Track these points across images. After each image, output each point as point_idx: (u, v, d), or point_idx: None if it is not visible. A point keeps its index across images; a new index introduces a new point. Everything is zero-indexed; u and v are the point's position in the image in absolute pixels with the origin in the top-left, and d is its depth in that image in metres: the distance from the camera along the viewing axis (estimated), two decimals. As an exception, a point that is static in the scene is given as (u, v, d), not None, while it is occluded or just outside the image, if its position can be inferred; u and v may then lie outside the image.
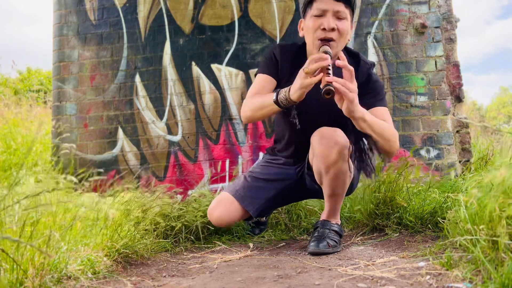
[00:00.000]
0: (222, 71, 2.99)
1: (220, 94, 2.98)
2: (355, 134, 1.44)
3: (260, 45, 2.96)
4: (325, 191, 1.49)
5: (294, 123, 1.50)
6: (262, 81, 1.54)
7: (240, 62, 2.97)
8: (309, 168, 1.58)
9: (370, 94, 1.45)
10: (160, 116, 3.02)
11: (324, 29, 1.38)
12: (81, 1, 3.17)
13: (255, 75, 1.62)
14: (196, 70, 3.02)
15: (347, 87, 1.21)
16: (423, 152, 2.73)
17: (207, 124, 2.97)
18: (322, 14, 1.39)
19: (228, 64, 2.99)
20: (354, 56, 1.55)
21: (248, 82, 2.95)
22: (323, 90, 1.19)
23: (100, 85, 3.09)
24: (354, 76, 1.24)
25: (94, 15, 3.15)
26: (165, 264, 1.38)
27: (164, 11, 3.08)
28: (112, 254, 1.25)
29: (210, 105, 2.98)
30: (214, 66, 3.00)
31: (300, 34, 1.54)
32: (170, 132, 3.00)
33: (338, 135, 1.37)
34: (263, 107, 1.42)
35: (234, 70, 2.98)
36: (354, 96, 1.23)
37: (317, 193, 1.64)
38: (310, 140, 1.46)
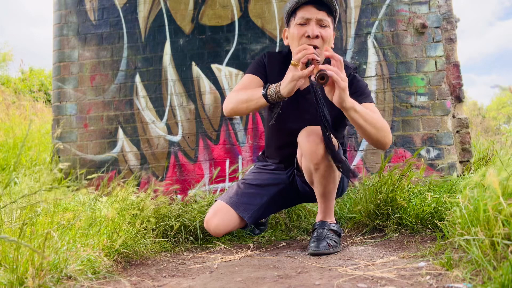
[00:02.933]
0: (222, 71, 2.99)
1: (220, 94, 2.98)
2: (336, 137, 1.47)
3: (260, 45, 2.96)
4: (317, 190, 1.49)
5: (273, 122, 1.52)
6: (249, 79, 1.57)
7: (240, 62, 2.97)
8: (299, 169, 1.59)
9: (355, 94, 1.48)
10: (160, 116, 3.02)
11: (308, 36, 1.43)
12: (81, 1, 3.17)
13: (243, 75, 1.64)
14: (196, 70, 3.02)
15: (339, 75, 1.24)
16: (423, 152, 2.73)
17: (207, 124, 2.97)
18: (305, 23, 1.45)
19: (228, 64, 2.99)
20: None
21: (248, 82, 2.95)
22: (317, 75, 1.21)
23: (100, 85, 3.09)
24: (343, 66, 1.27)
25: (94, 15, 3.15)
26: (165, 264, 1.38)
27: (164, 11, 3.08)
28: (112, 254, 1.25)
29: (210, 105, 2.98)
30: (214, 66, 3.00)
31: (285, 43, 1.58)
32: (170, 132, 3.00)
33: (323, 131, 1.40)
34: (249, 100, 1.44)
35: (234, 70, 2.98)
36: (345, 85, 1.26)
37: (310, 197, 1.66)
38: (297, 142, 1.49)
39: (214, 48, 3.01)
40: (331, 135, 1.39)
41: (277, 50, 2.94)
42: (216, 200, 1.71)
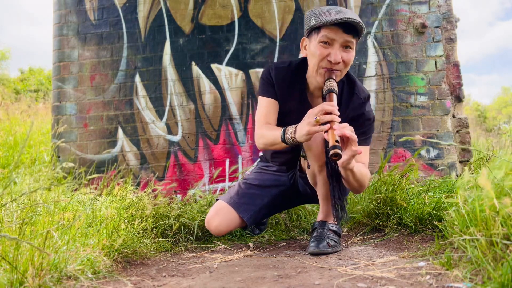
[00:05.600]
0: (222, 71, 2.99)
1: (220, 94, 2.98)
2: None
3: (260, 45, 2.96)
4: (320, 191, 1.49)
5: (302, 155, 1.52)
6: (266, 105, 1.53)
7: (240, 62, 2.97)
8: (302, 170, 1.60)
9: (358, 132, 1.37)
10: (160, 116, 3.02)
11: (330, 60, 1.37)
12: (81, 1, 3.17)
13: (257, 95, 1.62)
14: (196, 70, 3.02)
15: (355, 152, 1.22)
16: (423, 152, 2.73)
17: (207, 124, 2.97)
18: (329, 42, 1.36)
19: (228, 64, 2.99)
20: (350, 85, 1.53)
21: (248, 82, 2.95)
22: (331, 153, 1.16)
23: (100, 85, 3.09)
24: (357, 144, 1.23)
25: (94, 15, 3.15)
26: (165, 264, 1.38)
27: (164, 11, 3.08)
28: (112, 254, 1.25)
29: (210, 105, 2.98)
30: (214, 66, 3.00)
31: (303, 54, 1.50)
32: (170, 132, 3.00)
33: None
34: (274, 144, 1.43)
35: (234, 70, 2.98)
36: (354, 163, 1.27)
37: (310, 199, 1.67)
38: (300, 147, 1.50)
39: (214, 48, 3.01)
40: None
41: (277, 50, 2.94)
42: (217, 200, 1.71)
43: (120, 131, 3.03)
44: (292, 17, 2.96)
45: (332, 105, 1.24)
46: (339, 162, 1.26)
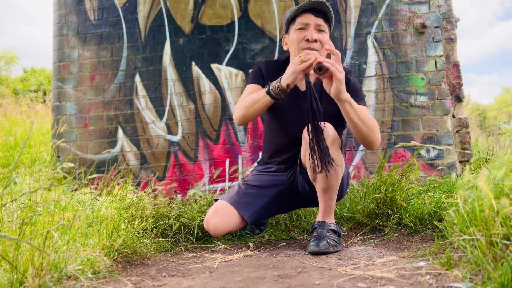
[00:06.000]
0: (222, 71, 2.99)
1: (220, 94, 2.98)
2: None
3: (260, 45, 2.96)
4: (319, 185, 1.50)
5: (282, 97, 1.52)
6: (251, 88, 1.69)
7: (240, 62, 2.97)
8: (302, 165, 1.61)
9: (350, 95, 1.52)
10: (160, 116, 3.02)
11: (307, 40, 1.55)
12: (81, 1, 3.17)
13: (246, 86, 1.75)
14: (196, 70, 3.02)
15: (337, 66, 1.35)
16: (423, 152, 2.73)
17: (207, 124, 2.97)
18: (304, 28, 1.57)
19: (228, 64, 2.99)
20: None
21: (248, 82, 2.95)
22: (316, 66, 1.31)
23: (100, 85, 3.09)
24: (340, 60, 1.39)
25: (94, 15, 3.15)
26: (165, 264, 1.38)
27: (164, 11, 3.08)
28: (112, 254, 1.25)
29: (210, 105, 2.98)
30: (214, 66, 3.00)
31: (285, 48, 1.70)
32: (170, 132, 3.00)
33: (329, 127, 1.46)
34: (255, 102, 1.54)
35: (234, 70, 2.98)
36: (342, 76, 1.36)
37: (309, 199, 1.68)
38: (300, 144, 1.55)
39: (214, 48, 3.01)
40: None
41: (277, 50, 2.94)
42: (216, 200, 1.71)
43: (120, 131, 3.03)
44: (292, 17, 2.96)
45: (309, 52, 1.44)
46: (332, 93, 1.38)
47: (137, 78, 3.05)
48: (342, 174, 1.52)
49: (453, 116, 2.75)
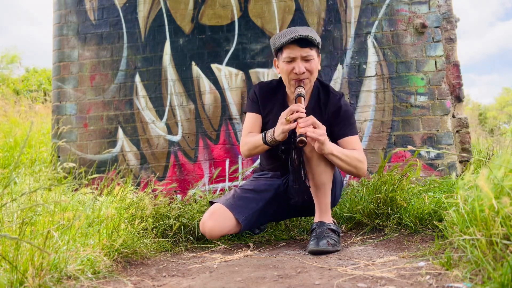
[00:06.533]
0: (222, 71, 2.99)
1: (220, 94, 2.98)
2: None
3: (260, 45, 2.96)
4: (311, 182, 1.54)
5: (280, 155, 1.64)
6: (251, 119, 1.77)
7: (240, 62, 2.97)
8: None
9: (341, 124, 1.65)
10: (160, 116, 3.02)
11: (296, 73, 1.60)
12: (81, 1, 3.17)
13: (244, 112, 1.82)
14: (196, 70, 3.02)
15: (317, 133, 1.42)
16: (423, 152, 2.73)
17: (207, 124, 2.97)
18: (292, 60, 1.61)
19: (228, 64, 2.99)
20: (325, 88, 1.76)
21: (248, 82, 2.95)
22: (298, 140, 1.40)
23: (100, 85, 3.09)
24: (319, 124, 1.45)
25: (94, 15, 3.15)
26: (165, 264, 1.38)
27: (164, 11, 3.08)
28: (112, 254, 1.25)
29: (210, 105, 2.98)
30: (214, 66, 3.00)
31: (277, 72, 1.76)
32: (170, 132, 3.00)
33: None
34: (256, 147, 1.65)
35: (234, 70, 2.98)
36: (324, 138, 1.44)
37: (303, 208, 1.71)
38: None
39: (214, 48, 3.01)
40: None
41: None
42: (211, 202, 1.72)
43: (120, 131, 3.03)
44: (292, 17, 2.96)
45: (298, 105, 1.47)
46: (316, 150, 1.47)
47: (137, 78, 3.05)
48: (332, 172, 1.56)
49: (453, 116, 2.75)
